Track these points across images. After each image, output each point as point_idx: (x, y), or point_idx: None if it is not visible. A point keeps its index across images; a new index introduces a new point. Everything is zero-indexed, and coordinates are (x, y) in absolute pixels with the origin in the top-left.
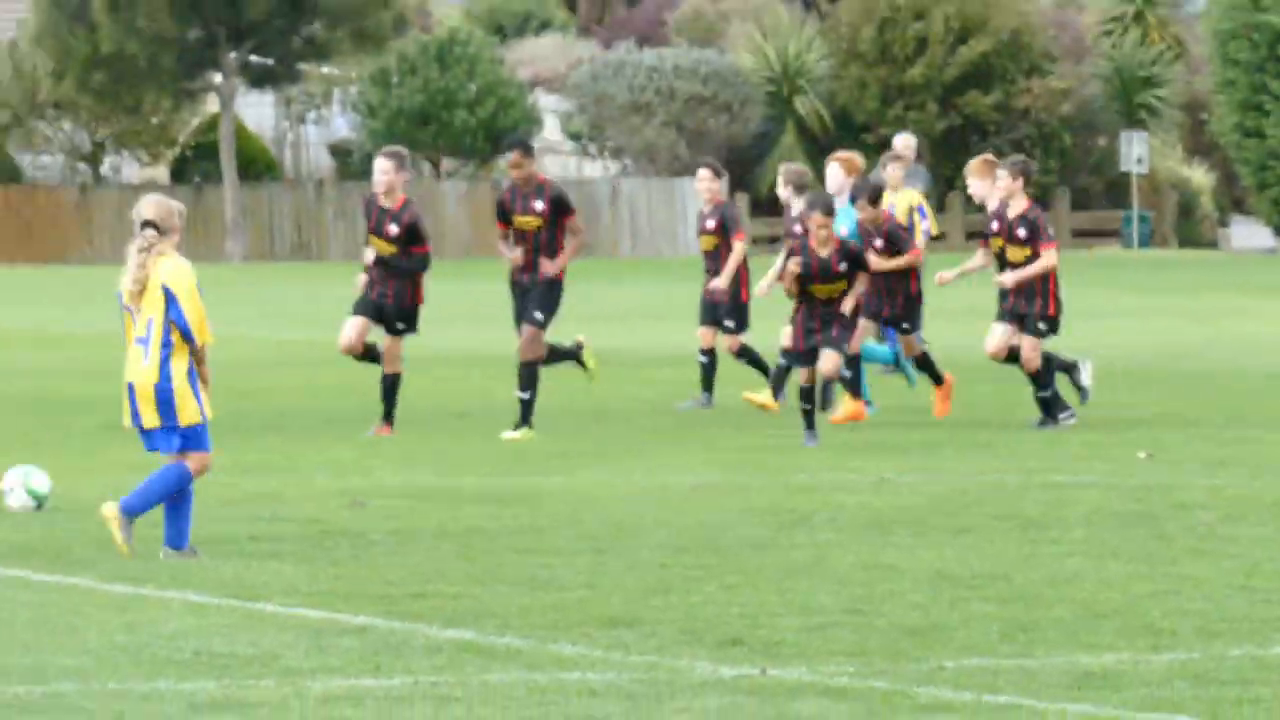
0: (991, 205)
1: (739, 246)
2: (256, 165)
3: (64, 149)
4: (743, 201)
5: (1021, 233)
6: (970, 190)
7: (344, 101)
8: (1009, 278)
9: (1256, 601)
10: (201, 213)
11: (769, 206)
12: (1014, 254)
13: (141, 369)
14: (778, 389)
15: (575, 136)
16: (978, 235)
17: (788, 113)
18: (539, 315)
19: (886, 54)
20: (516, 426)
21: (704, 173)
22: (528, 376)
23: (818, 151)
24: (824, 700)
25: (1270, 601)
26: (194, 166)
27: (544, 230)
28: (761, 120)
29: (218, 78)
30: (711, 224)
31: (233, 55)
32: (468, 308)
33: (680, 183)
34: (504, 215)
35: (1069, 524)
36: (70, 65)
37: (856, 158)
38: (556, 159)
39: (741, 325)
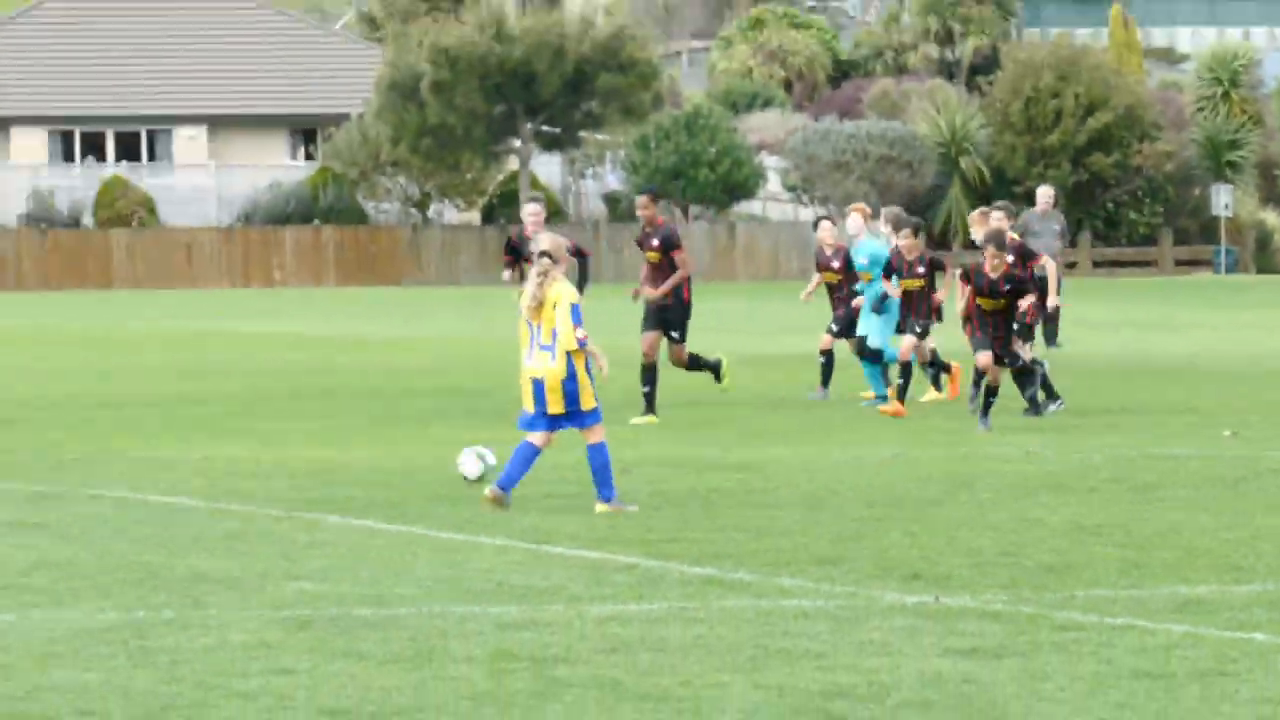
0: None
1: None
2: (546, 210)
3: (399, 198)
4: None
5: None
6: (972, 236)
7: (614, 161)
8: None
9: None
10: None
11: (938, 242)
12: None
13: (550, 369)
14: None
15: (791, 188)
16: (1106, 264)
17: (955, 170)
18: (675, 334)
19: (1031, 124)
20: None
21: (827, 224)
22: (696, 362)
23: (978, 199)
24: (983, 621)
25: None
26: (499, 211)
27: (661, 262)
28: (935, 175)
29: (517, 143)
30: (836, 264)
31: (528, 126)
32: (709, 320)
33: (872, 225)
34: (640, 248)
35: (1172, 486)
36: (404, 134)
37: (865, 207)
38: (777, 206)
39: (844, 333)
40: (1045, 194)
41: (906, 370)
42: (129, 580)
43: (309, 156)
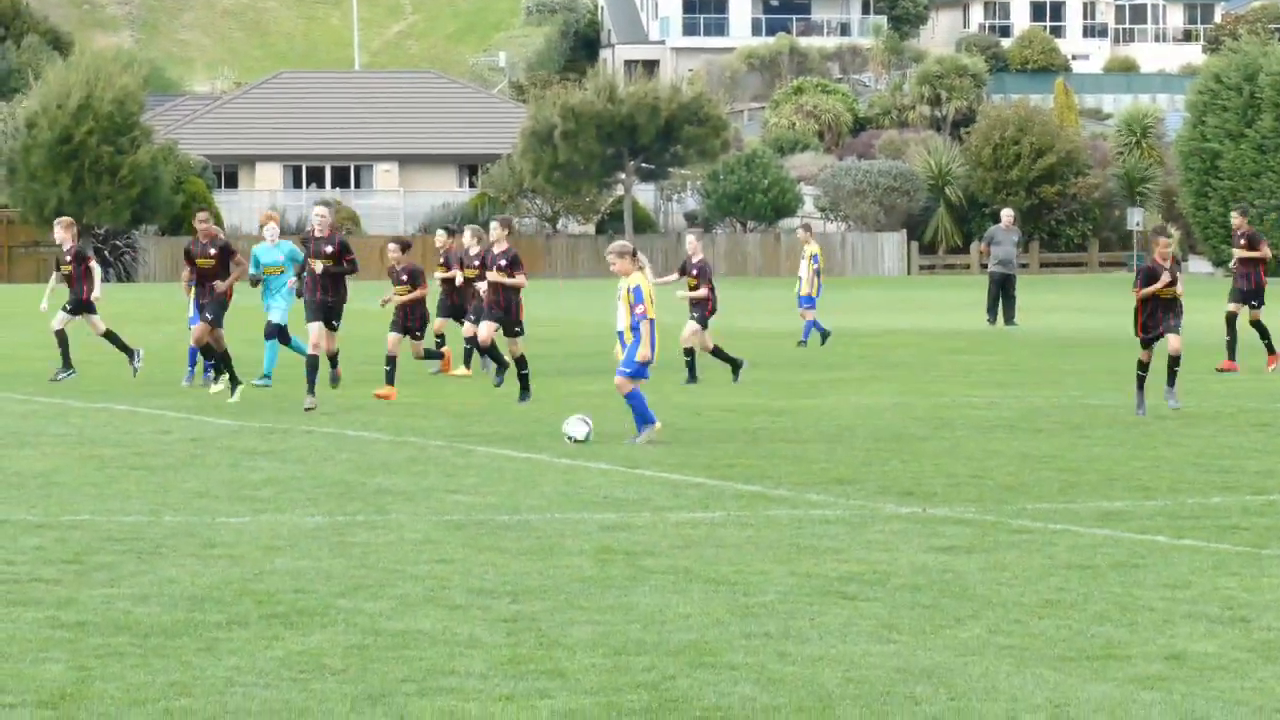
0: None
1: None
2: (643, 224)
3: (536, 214)
4: (915, 246)
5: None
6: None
7: (693, 188)
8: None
9: (1208, 471)
10: None
11: (929, 248)
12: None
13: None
14: None
15: (821, 209)
16: (1051, 265)
17: (941, 196)
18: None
19: (997, 163)
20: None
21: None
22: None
23: (959, 219)
24: (957, 526)
25: (1216, 471)
26: (609, 225)
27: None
28: (926, 200)
29: (622, 176)
30: (477, 264)
31: (631, 163)
32: (763, 304)
33: (879, 236)
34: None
35: (1097, 427)
36: (541, 169)
37: (276, 214)
38: (811, 221)
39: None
40: (1007, 214)
41: (521, 362)
42: (332, 493)
43: (472, 185)
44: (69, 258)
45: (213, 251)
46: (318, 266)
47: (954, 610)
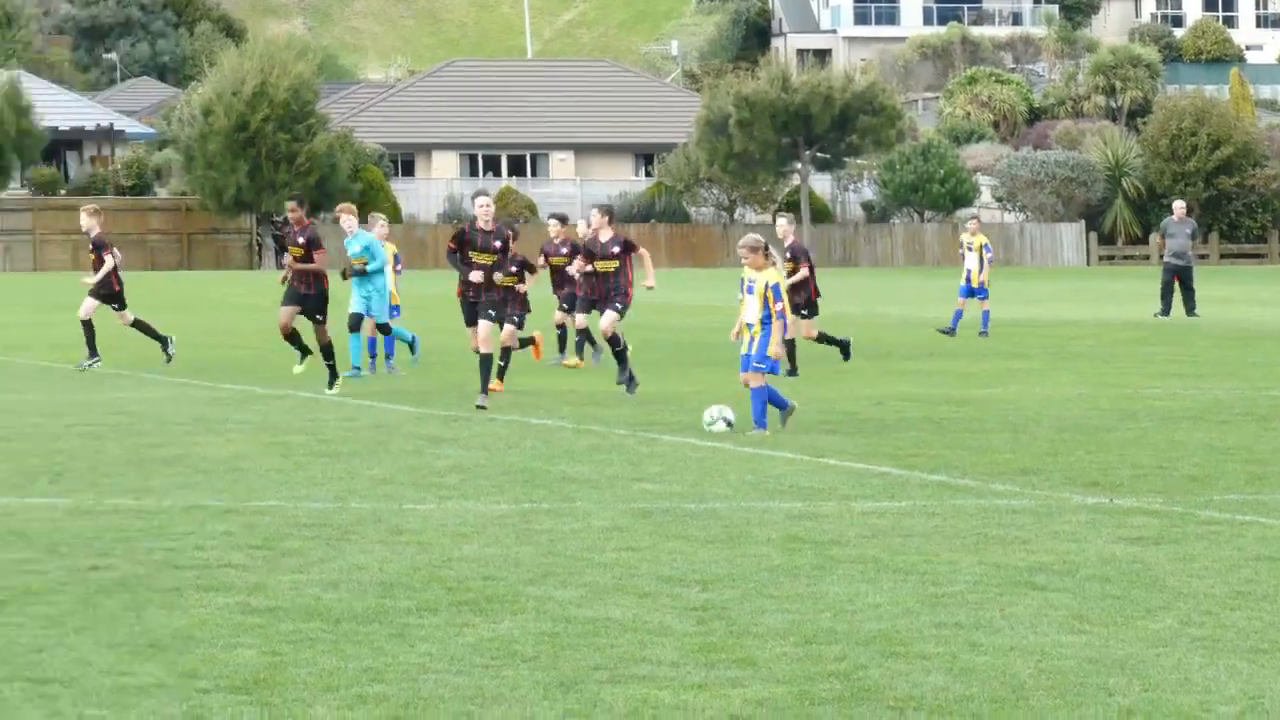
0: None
1: None
2: (820, 214)
3: (713, 204)
4: (1094, 236)
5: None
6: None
7: (870, 178)
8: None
9: None
10: None
11: (1108, 239)
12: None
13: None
14: None
15: (999, 199)
16: (1230, 256)
17: (1118, 187)
18: (320, 317)
19: (1175, 154)
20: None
21: (554, 222)
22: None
23: (1136, 209)
24: (1145, 517)
25: None
26: (786, 213)
27: (305, 257)
28: (1103, 190)
29: (798, 165)
30: (564, 251)
31: (807, 152)
32: (937, 293)
33: (1058, 227)
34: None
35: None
36: (717, 158)
37: (353, 207)
38: (988, 211)
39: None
40: (1179, 206)
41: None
42: (517, 480)
43: (648, 174)
44: (91, 246)
45: (300, 240)
46: (484, 260)
47: (1144, 601)
